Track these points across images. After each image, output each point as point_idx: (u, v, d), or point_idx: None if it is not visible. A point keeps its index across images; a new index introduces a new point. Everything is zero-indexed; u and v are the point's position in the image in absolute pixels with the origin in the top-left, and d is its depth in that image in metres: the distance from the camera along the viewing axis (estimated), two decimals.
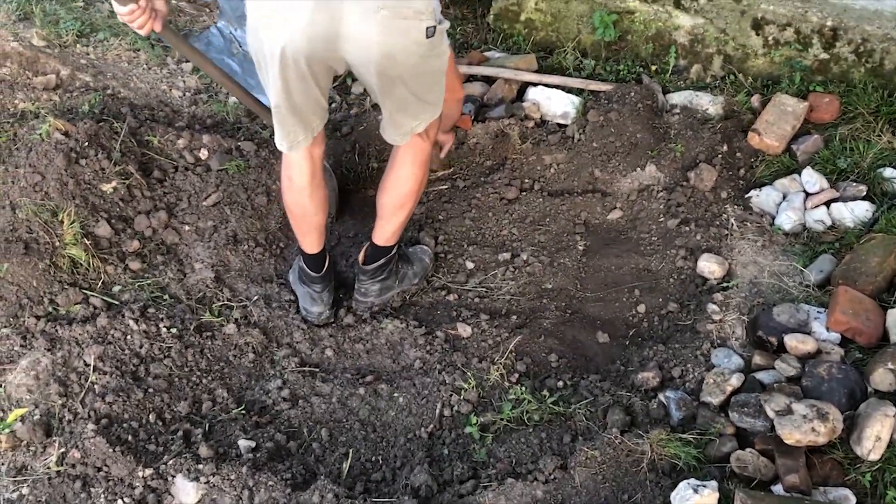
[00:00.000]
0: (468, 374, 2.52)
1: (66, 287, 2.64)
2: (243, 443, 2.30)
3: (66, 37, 3.56)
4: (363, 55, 2.15)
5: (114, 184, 2.87)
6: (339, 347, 2.68)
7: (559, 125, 3.38)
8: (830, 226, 2.83)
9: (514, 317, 2.76)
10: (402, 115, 2.39)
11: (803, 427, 2.05)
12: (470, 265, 2.96)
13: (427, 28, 2.13)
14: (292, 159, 2.48)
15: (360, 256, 2.75)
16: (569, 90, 3.45)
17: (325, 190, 2.60)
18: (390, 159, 2.59)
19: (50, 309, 2.59)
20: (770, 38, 3.39)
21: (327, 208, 2.66)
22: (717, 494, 1.97)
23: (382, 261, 2.71)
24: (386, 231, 2.67)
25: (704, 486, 1.99)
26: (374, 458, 2.34)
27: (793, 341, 2.36)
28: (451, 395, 2.47)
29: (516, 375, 2.53)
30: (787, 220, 2.84)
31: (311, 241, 2.66)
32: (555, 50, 3.76)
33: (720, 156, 3.08)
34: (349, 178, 3.25)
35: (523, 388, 2.46)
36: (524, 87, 3.51)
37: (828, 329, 2.42)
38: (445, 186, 3.23)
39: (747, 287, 2.65)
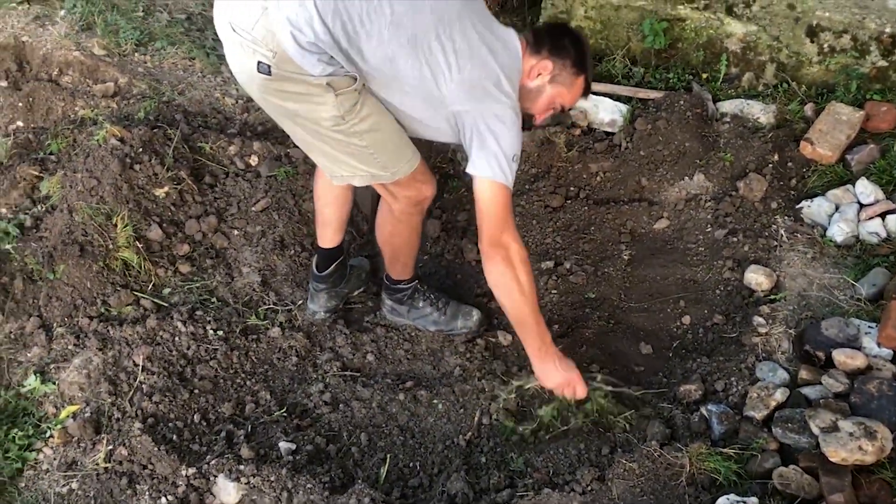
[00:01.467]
0: (508, 382, 2.52)
1: (119, 289, 2.72)
2: (284, 445, 2.34)
3: (125, 46, 3.67)
4: None
5: (166, 188, 2.95)
6: (381, 353, 2.70)
7: (606, 133, 3.36)
8: (885, 238, 2.75)
9: (556, 326, 2.75)
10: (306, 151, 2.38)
11: (850, 445, 1.99)
12: None
13: (258, 63, 2.04)
14: None
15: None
16: (617, 98, 3.43)
17: (339, 189, 2.57)
18: None
19: (102, 310, 2.67)
20: (825, 46, 3.32)
21: (341, 208, 2.64)
22: None
23: (396, 286, 2.74)
24: (387, 263, 2.72)
25: (744, 502, 1.95)
26: (411, 464, 2.36)
27: (841, 356, 2.30)
28: (490, 403, 2.48)
29: None
30: (840, 231, 2.76)
31: (321, 233, 2.71)
32: (604, 57, 3.74)
33: (771, 165, 3.03)
34: None
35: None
36: None
37: (879, 345, 2.35)
38: None
39: (795, 300, 2.59)
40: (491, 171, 2.13)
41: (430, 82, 2.11)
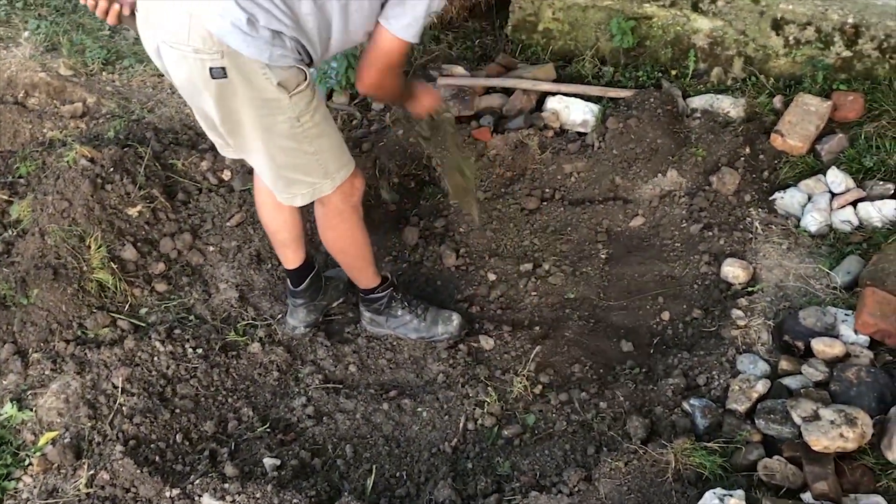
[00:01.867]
0: (491, 386, 2.51)
1: (95, 311, 2.69)
2: (268, 461, 2.32)
3: (93, 65, 3.65)
4: None
5: (139, 207, 2.92)
6: (363, 363, 2.69)
7: (579, 134, 3.37)
8: (857, 226, 2.78)
9: (537, 327, 2.75)
10: (256, 168, 2.36)
11: (831, 433, 2.01)
12: (492, 277, 2.95)
13: (210, 70, 1.99)
14: (256, 176, 2.51)
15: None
16: (588, 98, 3.44)
17: (287, 212, 2.54)
18: None
19: (79, 333, 2.64)
20: (791, 38, 3.35)
21: (294, 227, 2.60)
22: (743, 503, 1.94)
23: (370, 296, 2.70)
24: (351, 275, 2.69)
25: (731, 495, 1.96)
26: (398, 474, 2.35)
27: (820, 345, 2.32)
28: (474, 409, 2.47)
29: (540, 387, 2.52)
30: (813, 221, 2.79)
31: (284, 256, 2.68)
32: (573, 59, 3.75)
33: (743, 159, 3.05)
34: (370, 195, 3.27)
35: (547, 400, 2.44)
36: (543, 97, 3.50)
37: (856, 332, 2.37)
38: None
39: (773, 291, 2.61)
40: (403, 31, 2.10)
41: None
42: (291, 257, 2.66)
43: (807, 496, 2.00)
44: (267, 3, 1.96)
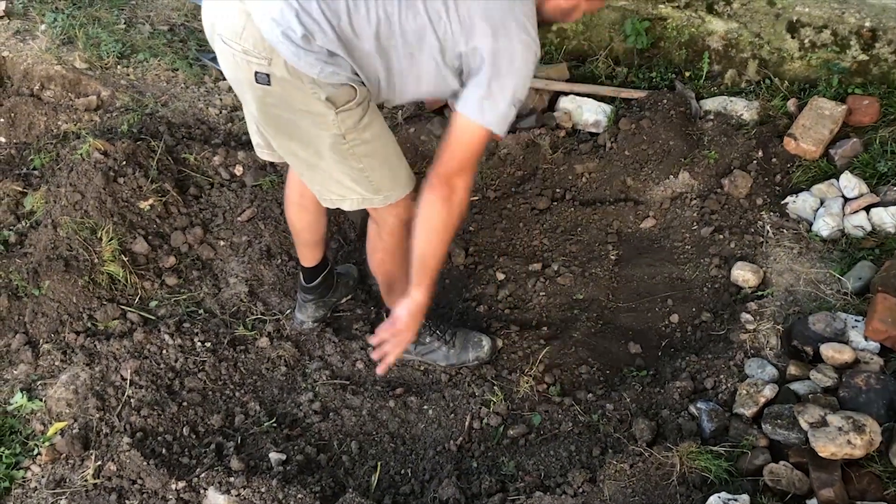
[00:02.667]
0: (497, 386, 2.51)
1: (105, 303, 2.71)
2: (274, 455, 2.33)
3: (108, 59, 3.66)
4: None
5: (151, 201, 2.93)
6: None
7: (591, 134, 3.36)
8: (870, 231, 2.75)
9: (545, 328, 2.74)
10: (297, 171, 2.30)
11: (838, 440, 2.00)
12: (500, 276, 2.95)
13: (255, 74, 1.93)
14: (289, 174, 2.49)
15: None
16: (601, 98, 3.43)
17: (315, 214, 2.51)
18: None
19: (89, 324, 2.66)
20: (806, 41, 3.33)
21: (318, 229, 2.57)
22: None
23: None
24: (382, 293, 2.60)
25: (735, 499, 1.95)
26: (402, 471, 2.35)
27: (829, 351, 2.31)
28: (480, 408, 2.47)
29: (545, 386, 2.52)
30: (825, 226, 2.77)
31: (303, 254, 2.67)
32: (587, 58, 3.74)
33: (755, 162, 3.03)
34: None
35: (553, 401, 2.44)
36: (555, 96, 3.49)
37: (866, 338, 2.35)
38: (476, 198, 3.23)
39: (782, 295, 2.59)
40: (482, 116, 1.93)
41: (429, 30, 1.92)
42: (309, 256, 2.65)
43: (812, 502, 1.98)
44: (326, 26, 1.87)
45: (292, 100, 1.98)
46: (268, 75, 1.92)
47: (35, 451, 2.32)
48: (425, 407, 2.50)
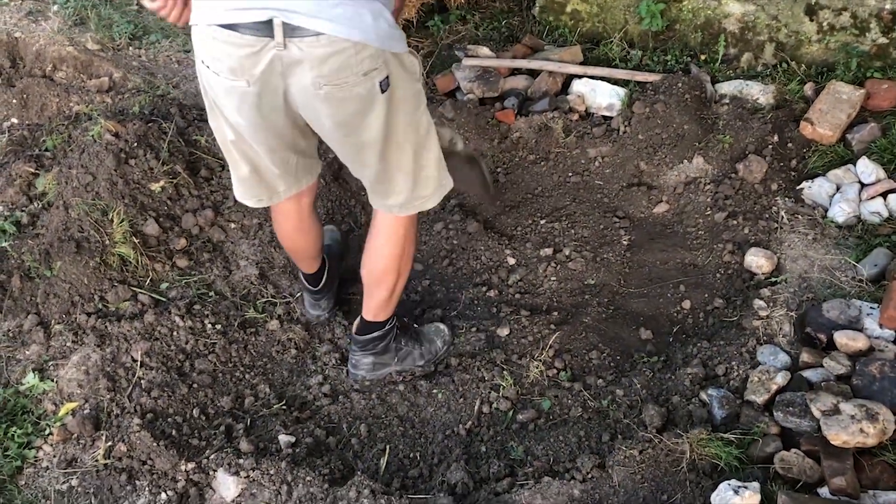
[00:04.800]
0: (507, 370, 2.50)
1: (116, 284, 2.71)
2: (283, 438, 2.33)
3: (120, 40, 3.66)
4: (316, 128, 2.00)
5: (162, 183, 2.93)
6: None
7: (604, 118, 3.33)
8: (887, 218, 2.72)
9: (556, 313, 2.73)
10: (388, 187, 2.13)
11: (851, 428, 1.98)
12: (511, 261, 2.93)
13: (380, 84, 1.84)
14: (280, 206, 2.33)
15: (354, 325, 2.51)
16: (614, 82, 3.39)
17: (316, 226, 2.46)
18: (371, 224, 2.32)
19: (100, 306, 2.67)
20: (825, 24, 3.27)
21: (320, 237, 2.52)
22: (758, 496, 1.92)
23: (375, 334, 2.46)
24: (370, 305, 2.42)
25: (746, 487, 1.94)
26: (411, 455, 2.35)
27: (843, 338, 2.28)
28: (489, 392, 2.46)
29: (555, 371, 2.51)
30: (841, 212, 2.74)
31: (306, 266, 2.60)
32: (601, 41, 3.70)
33: (770, 147, 2.99)
34: None
35: (562, 386, 2.43)
36: (569, 79, 3.46)
37: (881, 326, 2.32)
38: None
39: (796, 282, 2.56)
40: None
41: None
42: (313, 265, 2.60)
43: (824, 491, 1.97)
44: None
45: (406, 89, 1.93)
46: (387, 77, 1.85)
47: (47, 431, 2.33)
48: (434, 391, 2.49)
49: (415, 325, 2.64)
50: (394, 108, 1.92)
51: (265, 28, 1.73)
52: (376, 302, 2.40)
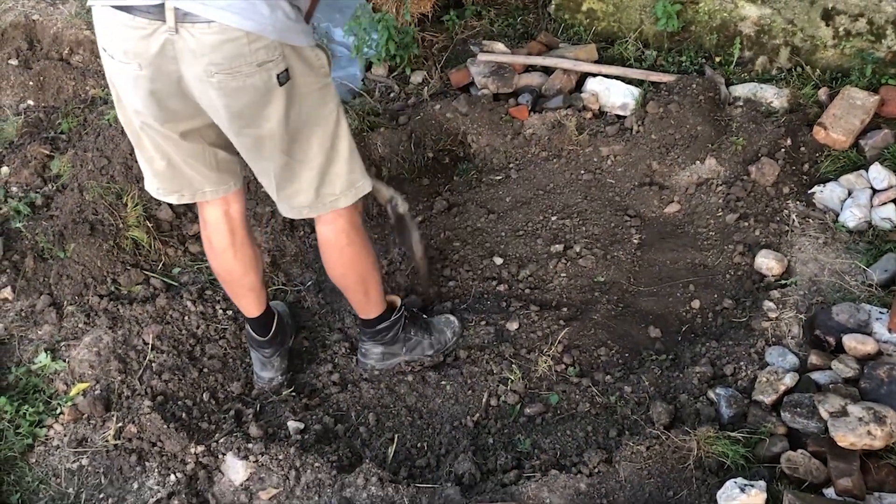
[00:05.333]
0: (516, 364, 2.52)
1: (129, 268, 2.73)
2: (292, 424, 2.35)
3: None
4: (214, 118, 1.93)
5: None
6: None
7: (618, 116, 3.33)
8: None
9: (565, 309, 2.74)
10: (293, 186, 2.07)
11: (858, 430, 1.99)
12: (522, 256, 2.94)
13: (277, 76, 1.81)
14: (207, 218, 2.25)
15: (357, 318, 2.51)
16: (629, 81, 3.40)
17: (253, 248, 2.34)
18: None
19: (112, 288, 2.69)
20: (841, 30, 3.28)
21: (259, 266, 2.37)
22: (764, 495, 1.93)
23: (383, 325, 2.47)
24: (355, 307, 2.46)
25: (752, 485, 1.95)
26: (419, 445, 2.36)
27: (852, 342, 2.29)
28: (498, 385, 2.48)
29: (563, 366, 2.52)
30: (852, 217, 2.74)
31: (247, 304, 2.40)
32: (616, 40, 3.71)
33: (783, 150, 3.00)
34: (405, 168, 3.27)
35: (571, 381, 2.45)
36: (583, 77, 3.47)
37: (890, 330, 2.33)
38: (500, 177, 3.22)
39: (806, 285, 2.57)
40: None
41: None
42: (255, 303, 2.40)
43: (829, 492, 1.98)
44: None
45: (310, 84, 1.91)
46: (286, 70, 1.83)
47: (58, 411, 2.35)
48: (443, 382, 2.51)
49: (424, 316, 2.65)
50: (294, 101, 1.89)
51: (158, 11, 1.71)
52: (357, 303, 2.42)
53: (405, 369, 2.56)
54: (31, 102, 3.33)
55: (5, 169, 3.05)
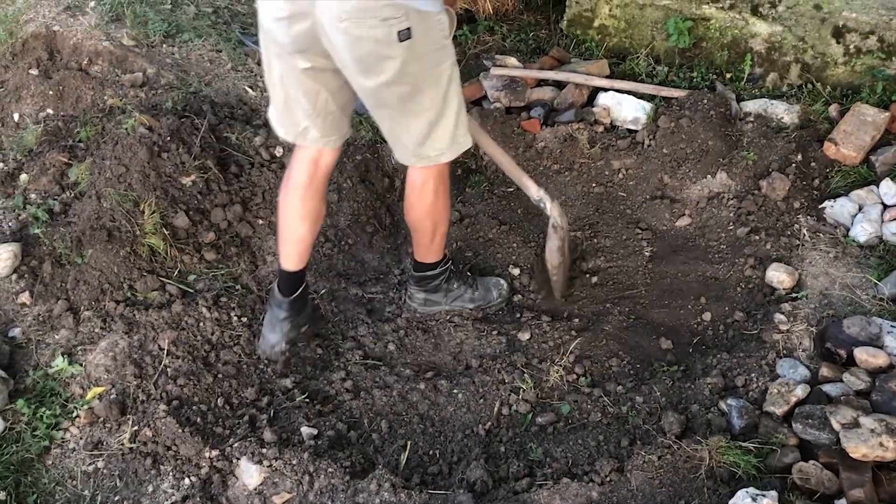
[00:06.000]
0: (527, 374, 2.53)
1: (145, 274, 2.76)
2: (306, 430, 2.37)
3: (154, 37, 3.72)
4: (339, 62, 2.12)
5: (193, 177, 2.98)
6: (402, 343, 2.72)
7: (629, 131, 3.36)
8: None
9: (577, 319, 2.76)
10: (404, 134, 2.29)
11: (871, 441, 2.00)
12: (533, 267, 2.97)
13: (399, 33, 1.99)
14: (297, 157, 2.42)
15: (411, 261, 2.74)
16: (640, 96, 3.44)
17: (321, 204, 2.47)
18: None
19: (129, 294, 2.71)
20: (851, 47, 3.31)
21: (316, 227, 2.50)
22: None
23: (427, 273, 2.70)
24: (416, 248, 2.66)
25: (763, 495, 1.96)
26: (431, 452, 2.38)
27: (863, 355, 2.30)
28: (509, 394, 2.49)
29: (574, 376, 2.53)
30: (863, 231, 2.76)
31: (288, 253, 2.51)
32: (628, 56, 3.75)
33: (794, 165, 3.03)
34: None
35: (582, 391, 2.46)
36: (595, 92, 3.50)
37: None
38: (511, 189, 3.25)
39: (817, 298, 2.59)
40: None
41: None
42: (295, 257, 2.52)
43: (841, 503, 1.99)
44: None
45: (429, 44, 2.09)
46: (408, 29, 2.01)
47: (74, 414, 2.37)
48: (455, 391, 2.52)
49: (468, 273, 2.78)
50: (412, 58, 2.06)
51: None
52: (419, 246, 2.64)
53: (416, 377, 2.57)
54: (50, 111, 3.37)
55: (24, 176, 3.09)
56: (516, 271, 2.95)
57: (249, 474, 2.21)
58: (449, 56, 2.18)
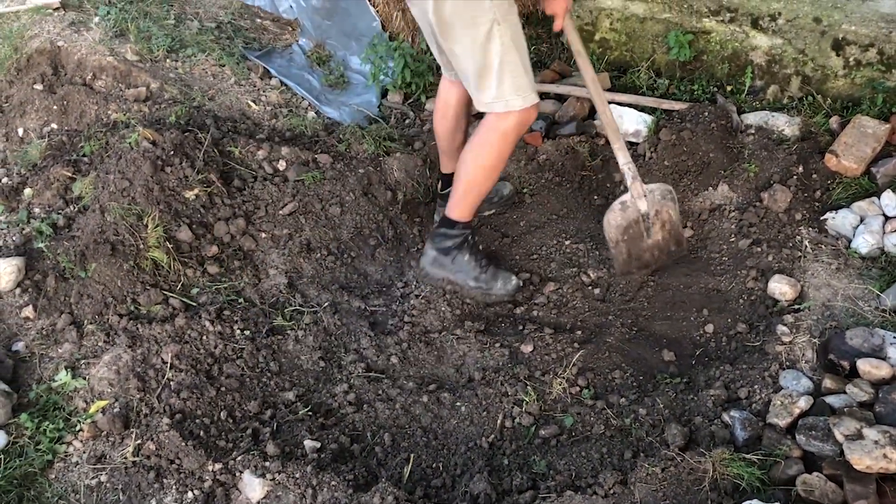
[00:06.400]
0: (530, 386, 2.53)
1: (148, 288, 2.77)
2: (309, 443, 2.37)
3: (157, 52, 3.74)
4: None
5: (196, 191, 3.00)
6: (404, 355, 2.72)
7: (630, 143, 3.37)
8: None
9: (579, 332, 2.76)
10: (459, 71, 2.54)
11: (874, 453, 1.99)
12: (536, 279, 2.97)
13: None
14: (441, 87, 2.87)
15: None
16: (641, 109, 3.45)
17: (462, 120, 2.88)
18: None
19: (132, 308, 2.72)
20: (851, 59, 3.32)
21: (454, 142, 2.92)
22: None
23: (444, 230, 2.79)
24: (451, 196, 2.76)
25: None
26: (434, 465, 2.37)
27: (866, 366, 2.30)
28: (512, 407, 2.49)
29: (577, 388, 2.53)
30: (864, 243, 2.76)
31: (445, 161, 3.03)
32: (628, 69, 3.76)
33: (795, 177, 3.03)
34: (419, 191, 3.32)
35: (585, 403, 2.46)
36: None
37: None
38: (514, 202, 3.26)
39: (819, 310, 2.59)
40: None
41: None
42: (445, 164, 3.02)
43: None
44: None
45: None
46: None
47: (77, 428, 2.37)
48: (458, 404, 2.52)
49: (485, 255, 2.86)
50: (442, 3, 2.30)
51: None
52: (454, 197, 2.73)
53: (419, 390, 2.58)
54: (54, 126, 3.39)
55: (28, 190, 3.11)
56: (521, 280, 2.95)
57: (252, 488, 2.21)
58: (488, 13, 2.31)
